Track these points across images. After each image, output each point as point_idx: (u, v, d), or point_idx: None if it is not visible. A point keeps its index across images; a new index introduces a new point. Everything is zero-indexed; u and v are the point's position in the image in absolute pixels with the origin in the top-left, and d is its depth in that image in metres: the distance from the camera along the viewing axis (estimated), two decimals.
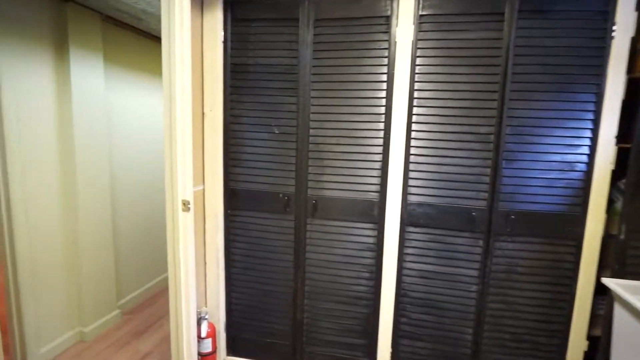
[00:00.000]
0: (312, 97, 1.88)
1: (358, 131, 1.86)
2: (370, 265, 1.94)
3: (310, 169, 1.92)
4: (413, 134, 1.80)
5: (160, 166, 3.18)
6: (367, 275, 1.95)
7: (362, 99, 1.84)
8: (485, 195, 1.76)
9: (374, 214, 1.89)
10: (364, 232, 1.92)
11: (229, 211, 2.05)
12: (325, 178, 1.92)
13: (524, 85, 1.67)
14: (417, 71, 1.76)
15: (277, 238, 2.02)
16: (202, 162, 1.99)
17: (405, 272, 1.89)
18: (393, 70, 1.78)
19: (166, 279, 3.36)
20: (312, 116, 1.89)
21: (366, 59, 1.81)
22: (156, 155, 3.15)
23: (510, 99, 1.68)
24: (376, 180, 1.87)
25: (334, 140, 1.89)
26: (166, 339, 2.51)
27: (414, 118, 1.79)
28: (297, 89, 1.89)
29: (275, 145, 1.95)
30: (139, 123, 2.94)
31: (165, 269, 3.34)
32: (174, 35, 1.66)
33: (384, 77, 1.80)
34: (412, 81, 1.77)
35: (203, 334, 1.97)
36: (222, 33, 1.94)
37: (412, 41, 1.74)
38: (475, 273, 1.82)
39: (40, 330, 2.18)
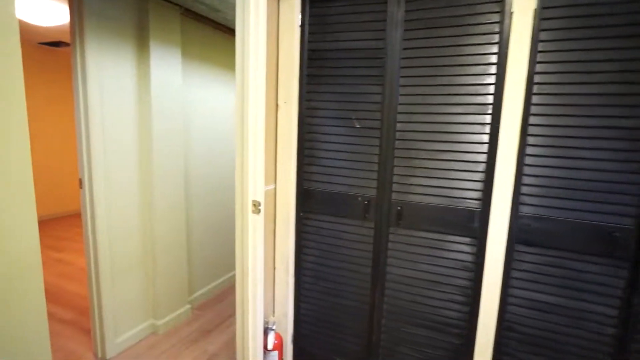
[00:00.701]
0: (401, 86, 1.60)
1: (457, 125, 1.54)
2: (466, 287, 1.60)
3: (396, 170, 1.65)
4: (531, 129, 1.42)
5: (234, 163, 3.14)
6: (460, 299, 1.62)
7: (463, 87, 1.51)
8: (634, 210, 1.32)
9: (474, 226, 1.55)
10: (459, 247, 1.59)
11: (301, 214, 1.86)
12: (413, 181, 1.63)
13: None
14: (540, 49, 1.38)
15: (354, 247, 1.78)
16: (274, 158, 1.82)
17: (511, 300, 1.53)
18: (506, 49, 1.42)
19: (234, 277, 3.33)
20: (400, 108, 1.62)
21: (471, 36, 1.48)
22: (230, 151, 3.12)
23: None
24: (478, 186, 1.53)
25: (425, 137, 1.59)
26: (233, 341, 2.43)
27: (533, 109, 1.41)
28: (383, 76, 1.63)
29: (355, 141, 1.71)
30: (214, 118, 2.92)
31: (234, 266, 3.32)
32: (248, 21, 1.51)
33: (494, 59, 1.45)
34: (533, 62, 1.39)
35: (270, 346, 1.82)
36: (299, 16, 1.75)
37: (535, 10, 1.37)
38: (613, 312, 1.38)
39: (117, 321, 2.23)
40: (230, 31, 2.89)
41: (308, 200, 1.84)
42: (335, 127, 1.75)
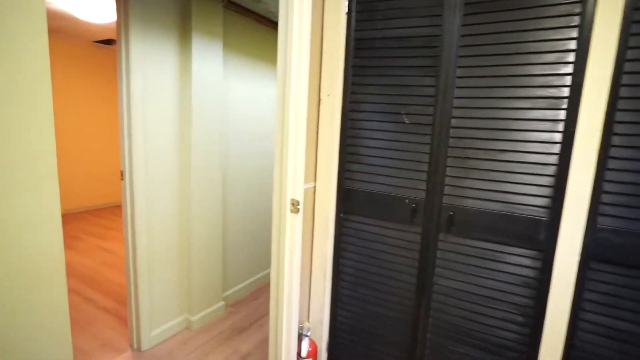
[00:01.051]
0: (458, 77, 1.44)
1: (523, 122, 1.35)
2: (526, 306, 1.41)
3: (448, 171, 1.49)
4: (616, 127, 1.21)
5: (273, 159, 3.09)
6: (519, 319, 1.43)
7: (532, 78, 1.32)
8: None
9: (539, 237, 1.36)
10: (520, 260, 1.41)
11: (341, 215, 1.75)
12: (468, 184, 1.46)
13: None
14: (633, 31, 1.17)
15: (398, 253, 1.64)
16: (314, 155, 1.72)
17: (583, 325, 1.32)
18: (589, 32, 1.22)
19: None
20: (455, 102, 1.45)
21: (543, 20, 1.29)
22: (269, 147, 3.06)
23: None
24: (546, 192, 1.33)
25: (484, 134, 1.41)
26: (266, 342, 2.37)
27: (621, 103, 1.20)
28: (437, 67, 1.47)
29: (403, 138, 1.57)
30: (253, 113, 2.87)
31: (269, 264, 3.27)
32: (292, 9, 1.41)
33: (572, 45, 1.25)
34: (623, 47, 1.18)
35: (303, 353, 1.72)
36: (346, 3, 1.63)
37: None
38: None
39: (153, 313, 2.23)
40: (272, 23, 2.82)
41: (349, 200, 1.72)
42: (382, 122, 1.61)
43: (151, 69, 2.06)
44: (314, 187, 1.74)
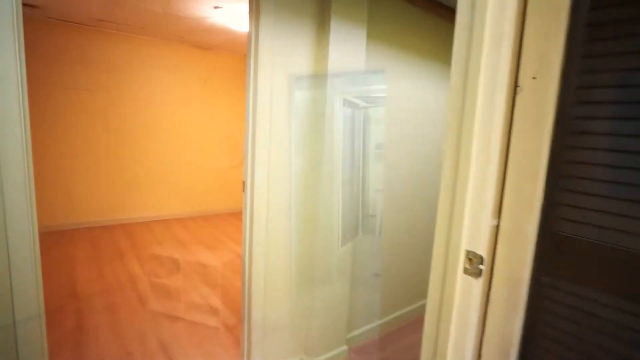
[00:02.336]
0: None
1: None
2: None
3: None
4: None
5: (428, 179, 2.52)
6: None
7: None
8: None
9: None
10: None
11: (544, 277, 1.05)
12: None
13: None
14: None
15: None
16: (502, 177, 1.08)
17: None
18: None
19: (401, 317, 2.68)
20: None
21: None
22: (420, 159, 2.49)
23: None
24: None
25: None
26: None
27: None
28: None
29: None
30: (406, 116, 2.36)
31: (403, 304, 2.67)
32: None
33: None
34: None
35: None
36: None
37: None
38: None
39: (265, 348, 1.92)
40: (428, 3, 2.26)
41: (562, 255, 1.02)
42: None
43: (280, 69, 1.77)
44: (497, 226, 1.09)
